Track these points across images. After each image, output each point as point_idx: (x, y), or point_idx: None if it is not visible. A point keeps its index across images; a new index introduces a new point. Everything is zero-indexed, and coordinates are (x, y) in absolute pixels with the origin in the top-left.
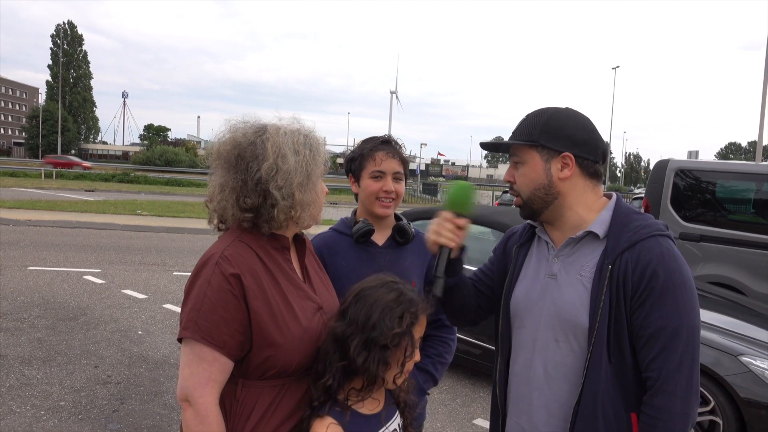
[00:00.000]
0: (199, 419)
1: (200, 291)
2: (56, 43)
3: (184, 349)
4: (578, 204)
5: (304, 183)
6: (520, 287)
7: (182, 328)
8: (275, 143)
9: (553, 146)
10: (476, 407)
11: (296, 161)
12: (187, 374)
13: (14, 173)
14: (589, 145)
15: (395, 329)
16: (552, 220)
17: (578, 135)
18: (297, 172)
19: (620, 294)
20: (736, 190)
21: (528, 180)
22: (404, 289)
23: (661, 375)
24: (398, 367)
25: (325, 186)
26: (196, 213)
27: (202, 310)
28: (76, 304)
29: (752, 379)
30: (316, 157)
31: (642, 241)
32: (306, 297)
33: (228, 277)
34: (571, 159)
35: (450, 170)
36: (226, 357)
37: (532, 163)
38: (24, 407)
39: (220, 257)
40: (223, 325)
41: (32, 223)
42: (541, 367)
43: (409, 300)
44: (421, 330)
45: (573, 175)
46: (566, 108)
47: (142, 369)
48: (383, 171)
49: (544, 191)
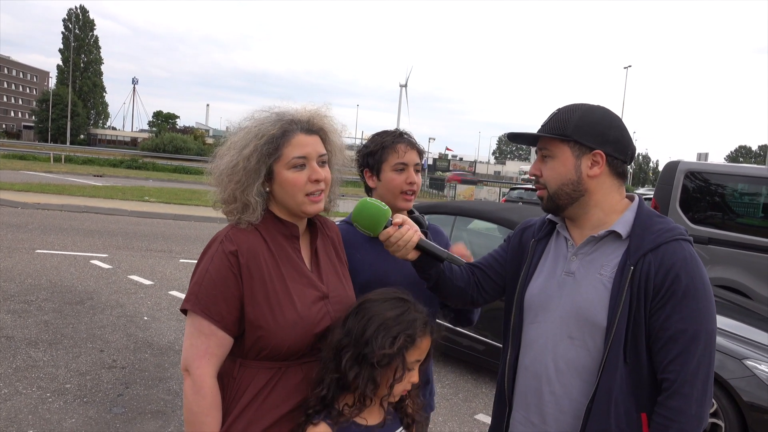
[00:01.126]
0: (195, 389)
1: (204, 267)
2: (68, 27)
3: (187, 321)
4: (603, 203)
5: (236, 179)
6: (536, 283)
7: (185, 300)
8: (230, 140)
9: (585, 142)
10: (478, 402)
11: (234, 156)
12: (188, 345)
13: (23, 156)
14: (621, 145)
15: (385, 349)
16: (575, 217)
17: (611, 133)
18: (231, 166)
19: (641, 295)
20: (746, 194)
21: (556, 174)
22: (409, 308)
23: (678, 377)
24: (387, 388)
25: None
26: (204, 201)
27: (203, 284)
28: (83, 288)
29: (756, 383)
30: (252, 152)
31: (666, 244)
32: (309, 284)
33: (228, 255)
34: (602, 157)
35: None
36: (224, 331)
37: (563, 157)
38: (30, 389)
39: (225, 237)
40: (221, 301)
41: (41, 206)
42: (552, 363)
43: (409, 321)
44: (420, 354)
45: (602, 174)
46: (600, 106)
47: (147, 354)
48: (406, 163)
49: (572, 187)
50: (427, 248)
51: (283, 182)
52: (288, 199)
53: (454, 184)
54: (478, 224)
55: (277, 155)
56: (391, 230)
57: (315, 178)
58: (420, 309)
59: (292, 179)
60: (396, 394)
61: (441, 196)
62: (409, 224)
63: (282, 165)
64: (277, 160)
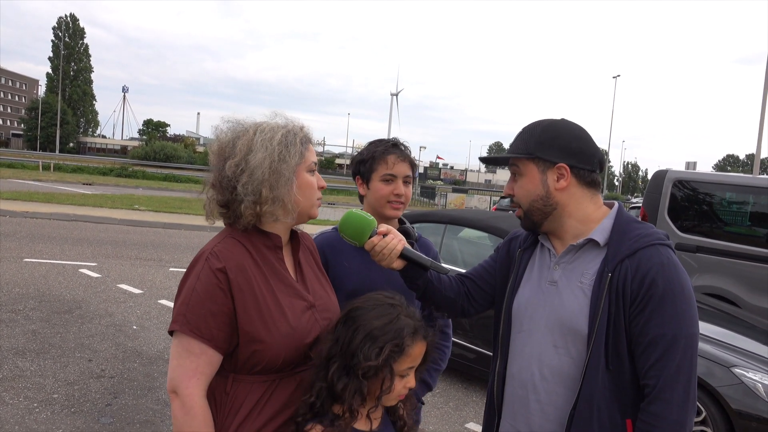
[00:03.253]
0: (185, 410)
1: (190, 285)
2: (58, 35)
3: (174, 341)
4: (577, 213)
5: (272, 179)
6: (522, 292)
7: (172, 321)
8: (246, 141)
9: (548, 157)
10: (469, 411)
11: (263, 158)
12: (175, 366)
13: (12, 164)
14: (585, 155)
15: (371, 361)
16: (553, 230)
17: (572, 145)
18: (263, 169)
19: (619, 301)
20: (734, 203)
21: (526, 191)
22: (398, 315)
23: (658, 382)
24: (374, 400)
25: (314, 180)
26: (194, 209)
27: (190, 303)
28: (72, 297)
29: (744, 390)
30: (291, 153)
31: (642, 250)
32: (296, 295)
33: (215, 272)
34: (566, 169)
35: (448, 174)
36: (214, 350)
37: (530, 175)
38: (17, 399)
39: (210, 253)
40: (210, 319)
41: (29, 215)
42: (538, 372)
43: (396, 329)
44: (412, 361)
45: (569, 185)
46: (561, 119)
47: (136, 364)
48: (395, 174)
49: (542, 202)
50: (411, 257)
51: (302, 183)
52: (305, 201)
53: (445, 193)
54: (469, 233)
55: (303, 159)
56: (376, 239)
57: (321, 185)
58: (411, 313)
59: (311, 182)
60: (391, 401)
61: (432, 205)
62: (393, 234)
63: (304, 168)
64: (300, 164)
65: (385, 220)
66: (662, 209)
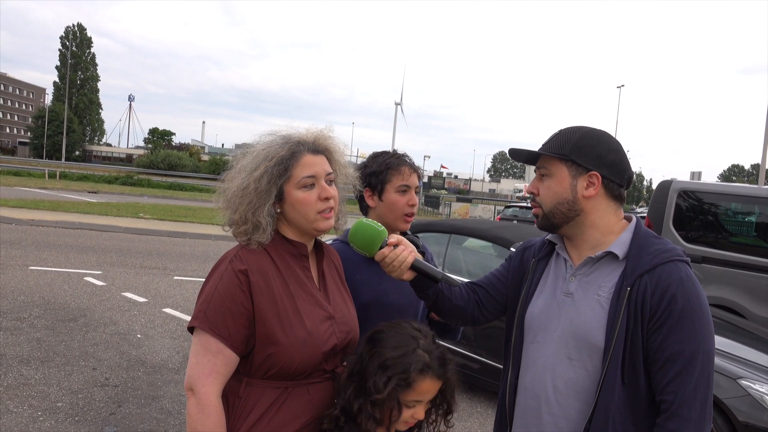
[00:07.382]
0: (199, 408)
1: (212, 284)
2: (65, 44)
3: (194, 339)
4: (599, 223)
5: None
6: (536, 303)
7: (192, 318)
8: (239, 164)
9: (582, 163)
10: (473, 422)
11: (245, 178)
12: (194, 363)
13: (18, 172)
14: (618, 168)
15: (379, 393)
16: (572, 237)
17: (609, 156)
18: (233, 191)
19: (638, 316)
20: (739, 213)
21: (552, 193)
22: (414, 348)
23: (676, 399)
24: (385, 429)
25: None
26: (198, 218)
27: (212, 302)
28: (76, 306)
29: (750, 402)
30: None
31: (662, 265)
32: (316, 304)
33: (237, 273)
34: (598, 178)
35: (452, 183)
36: (231, 349)
37: (560, 176)
38: (21, 407)
39: (234, 256)
40: (229, 318)
41: (34, 222)
42: (551, 384)
43: (406, 363)
44: (418, 395)
45: (597, 195)
46: (601, 130)
47: (140, 373)
48: (409, 185)
49: (568, 206)
50: (422, 269)
51: (294, 202)
52: (300, 218)
53: (450, 203)
54: (473, 242)
55: (287, 176)
56: (387, 251)
57: (325, 195)
58: (429, 348)
59: (303, 198)
60: (399, 426)
61: (436, 214)
62: (404, 245)
63: (292, 185)
64: (287, 181)
65: (395, 232)
66: (667, 219)
